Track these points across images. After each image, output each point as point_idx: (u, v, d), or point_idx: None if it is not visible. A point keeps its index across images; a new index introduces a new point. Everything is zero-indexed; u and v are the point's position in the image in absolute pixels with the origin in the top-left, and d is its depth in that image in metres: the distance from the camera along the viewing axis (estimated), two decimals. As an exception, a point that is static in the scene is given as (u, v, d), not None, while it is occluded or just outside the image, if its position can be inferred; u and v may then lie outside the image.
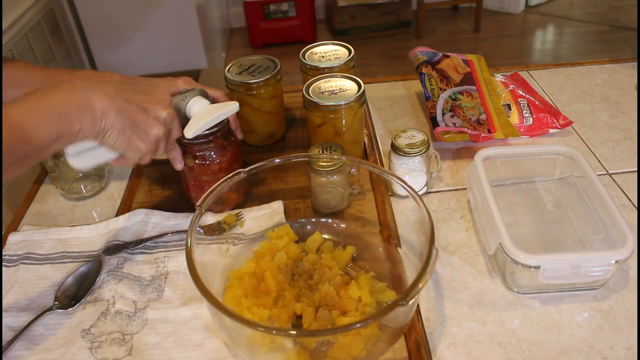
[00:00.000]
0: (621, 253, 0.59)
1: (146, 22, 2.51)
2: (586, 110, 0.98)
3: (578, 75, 1.09)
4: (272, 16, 3.29)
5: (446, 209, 0.79)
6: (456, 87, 0.94)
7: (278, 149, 0.94)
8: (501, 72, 1.05)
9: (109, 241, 0.75)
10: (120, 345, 0.62)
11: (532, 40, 3.33)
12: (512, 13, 3.60)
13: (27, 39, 2.05)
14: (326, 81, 0.83)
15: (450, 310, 0.64)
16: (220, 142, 0.74)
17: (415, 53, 1.01)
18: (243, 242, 0.73)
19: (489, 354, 0.59)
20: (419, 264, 0.59)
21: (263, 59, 0.90)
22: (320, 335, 0.58)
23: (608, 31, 3.27)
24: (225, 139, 0.75)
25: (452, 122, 0.88)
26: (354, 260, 0.70)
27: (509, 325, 0.62)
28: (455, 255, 0.71)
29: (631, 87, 1.03)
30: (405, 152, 0.77)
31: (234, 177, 0.67)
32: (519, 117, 0.92)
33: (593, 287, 0.65)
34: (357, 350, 0.55)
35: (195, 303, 0.66)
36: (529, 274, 0.62)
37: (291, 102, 1.04)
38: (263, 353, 0.56)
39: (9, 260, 0.74)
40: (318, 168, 0.72)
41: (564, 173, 0.76)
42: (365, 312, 0.60)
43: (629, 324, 0.61)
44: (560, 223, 0.72)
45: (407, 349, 0.60)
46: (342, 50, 0.92)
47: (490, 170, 0.73)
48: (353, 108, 0.80)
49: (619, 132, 0.92)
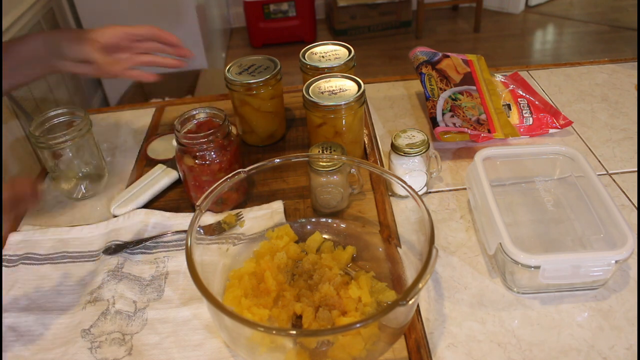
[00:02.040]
0: (621, 253, 0.59)
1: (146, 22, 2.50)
2: (586, 110, 0.98)
3: (578, 75, 1.09)
4: (272, 16, 3.29)
5: (446, 209, 0.79)
6: (456, 87, 0.94)
7: (278, 149, 0.94)
8: (501, 72, 1.05)
9: (109, 241, 0.75)
10: (120, 345, 0.62)
11: (532, 40, 3.33)
12: (512, 13, 3.61)
13: (27, 39, 2.04)
14: (326, 81, 0.83)
15: (450, 310, 0.64)
16: (220, 142, 0.74)
17: (415, 53, 1.01)
18: (243, 242, 0.73)
19: (489, 354, 0.59)
20: (419, 264, 0.59)
21: (263, 59, 0.90)
22: (320, 335, 0.58)
23: (608, 31, 3.27)
24: (225, 139, 0.75)
25: (452, 122, 0.88)
26: (354, 260, 0.70)
27: (509, 325, 0.62)
28: (455, 255, 0.71)
29: (631, 87, 1.03)
30: (405, 152, 0.77)
31: (234, 177, 0.67)
32: (519, 117, 0.92)
33: (593, 287, 0.65)
34: (357, 350, 0.55)
35: (195, 303, 0.66)
36: (529, 274, 0.62)
37: (291, 102, 1.04)
38: (263, 353, 0.56)
39: (9, 261, 0.74)
40: (318, 168, 0.72)
41: (564, 173, 0.76)
42: (365, 312, 0.60)
43: (629, 324, 0.61)
44: (560, 223, 0.72)
45: (407, 348, 0.60)
46: (342, 50, 0.92)
47: (490, 170, 0.73)
48: (353, 108, 0.80)
49: (619, 132, 0.92)
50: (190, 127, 0.77)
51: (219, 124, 0.76)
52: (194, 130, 0.77)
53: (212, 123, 0.77)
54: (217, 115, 0.77)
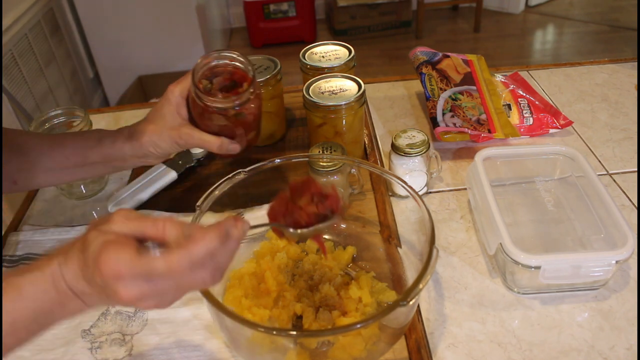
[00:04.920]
0: (621, 253, 0.59)
1: (146, 22, 2.51)
2: (586, 110, 0.98)
3: (578, 75, 1.09)
4: (272, 16, 3.28)
5: (446, 209, 0.79)
6: (456, 87, 0.94)
7: (278, 149, 0.94)
8: (501, 72, 1.05)
9: (109, 241, 0.75)
10: (121, 346, 0.62)
11: (532, 40, 3.33)
12: (512, 13, 3.60)
13: (27, 39, 2.04)
14: (326, 81, 0.83)
15: (450, 311, 0.64)
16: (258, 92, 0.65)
17: (415, 53, 1.01)
18: (243, 242, 0.73)
19: (489, 354, 0.59)
20: (419, 264, 0.59)
21: (263, 59, 0.90)
22: (320, 335, 0.58)
23: (608, 31, 3.27)
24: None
25: (452, 122, 0.88)
26: (354, 260, 0.70)
27: (509, 325, 0.62)
28: (456, 256, 0.71)
29: (631, 87, 1.03)
30: (406, 152, 0.77)
31: (234, 177, 0.67)
32: (519, 117, 0.92)
33: (593, 287, 0.65)
34: (358, 351, 0.55)
35: (195, 303, 0.66)
36: (529, 274, 0.62)
37: (291, 102, 1.04)
38: (263, 353, 0.56)
39: (9, 261, 0.74)
40: (318, 168, 0.72)
41: (564, 173, 0.76)
42: (365, 313, 0.60)
43: (629, 324, 0.61)
44: (560, 223, 0.72)
45: (408, 349, 0.60)
46: (342, 50, 0.92)
47: (490, 170, 0.73)
48: (353, 108, 0.80)
49: (619, 132, 0.92)
50: (207, 84, 0.65)
51: (241, 71, 0.65)
52: (217, 85, 0.65)
53: (227, 68, 0.65)
54: (236, 60, 0.64)
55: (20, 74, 1.97)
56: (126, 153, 0.67)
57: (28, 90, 2.03)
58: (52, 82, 2.22)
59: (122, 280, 0.40)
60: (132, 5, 2.45)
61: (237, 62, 0.65)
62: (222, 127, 0.65)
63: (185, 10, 2.50)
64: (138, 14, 2.48)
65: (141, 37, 2.54)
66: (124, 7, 2.45)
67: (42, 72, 2.15)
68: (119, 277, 0.40)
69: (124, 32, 2.52)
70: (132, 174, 0.90)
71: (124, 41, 2.54)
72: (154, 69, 2.63)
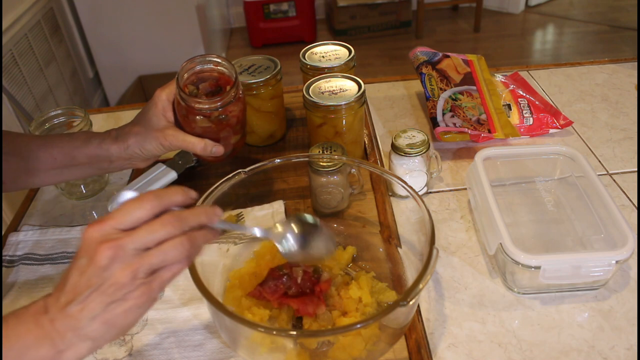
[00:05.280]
0: (621, 253, 0.59)
1: (146, 22, 2.51)
2: (586, 110, 0.98)
3: (578, 75, 1.09)
4: (272, 16, 3.28)
5: (446, 209, 0.79)
6: (456, 87, 0.94)
7: (278, 149, 0.94)
8: (501, 72, 1.05)
9: (109, 241, 0.75)
10: (121, 346, 0.62)
11: (532, 40, 3.33)
12: (512, 13, 3.60)
13: (27, 39, 2.04)
14: (326, 81, 0.83)
15: (450, 311, 0.64)
16: (240, 96, 0.68)
17: (415, 53, 1.01)
18: (243, 242, 0.73)
19: (490, 354, 0.59)
20: (419, 264, 0.59)
21: (263, 59, 0.90)
22: (320, 335, 0.58)
23: (608, 31, 3.27)
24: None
25: (452, 122, 0.88)
26: (354, 260, 0.70)
27: (510, 325, 0.62)
28: (456, 256, 0.71)
29: (631, 87, 1.03)
30: (406, 152, 0.77)
31: (234, 177, 0.67)
32: (519, 117, 0.92)
33: (593, 287, 0.65)
34: (358, 351, 0.55)
35: (195, 303, 0.66)
36: (529, 274, 0.62)
37: (291, 102, 1.04)
38: (263, 353, 0.56)
39: (9, 261, 0.74)
40: (318, 168, 0.72)
41: (564, 173, 0.76)
42: (365, 313, 0.60)
43: (629, 324, 0.61)
44: (560, 223, 0.72)
45: (408, 349, 0.60)
46: (342, 50, 0.92)
47: (490, 170, 0.73)
48: (353, 108, 0.80)
49: (619, 132, 0.92)
50: (193, 89, 0.67)
51: (226, 76, 0.66)
52: (203, 91, 0.67)
53: (213, 74, 0.67)
54: (220, 65, 0.67)
55: (20, 74, 1.97)
56: (112, 154, 0.68)
57: (28, 91, 2.03)
58: (52, 82, 2.22)
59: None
60: (132, 5, 2.45)
61: (221, 67, 0.67)
62: (205, 129, 0.67)
63: (185, 10, 2.50)
64: (138, 14, 2.48)
65: (141, 37, 2.54)
66: (124, 8, 2.45)
67: (42, 72, 2.15)
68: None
69: (124, 32, 2.52)
70: (132, 174, 0.90)
71: (124, 41, 2.54)
72: (154, 69, 2.63)
